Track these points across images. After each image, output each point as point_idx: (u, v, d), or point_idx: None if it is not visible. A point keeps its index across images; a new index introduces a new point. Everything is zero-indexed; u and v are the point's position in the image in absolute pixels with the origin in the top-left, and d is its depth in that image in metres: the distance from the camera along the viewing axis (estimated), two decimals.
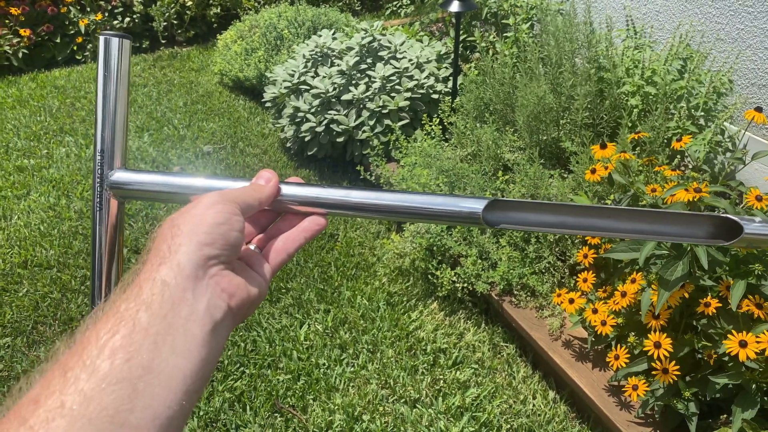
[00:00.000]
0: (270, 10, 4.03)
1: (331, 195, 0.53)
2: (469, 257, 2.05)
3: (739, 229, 0.48)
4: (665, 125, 2.12)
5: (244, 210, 0.47)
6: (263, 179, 0.52)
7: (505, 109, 2.47)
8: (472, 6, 2.57)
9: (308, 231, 0.53)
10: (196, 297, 0.40)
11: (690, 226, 0.51)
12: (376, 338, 2.06)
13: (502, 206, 0.51)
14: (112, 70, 0.53)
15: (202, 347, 0.39)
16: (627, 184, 1.71)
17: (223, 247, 0.43)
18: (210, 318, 0.40)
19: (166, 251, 0.41)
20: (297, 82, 2.95)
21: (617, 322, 1.60)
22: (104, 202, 0.54)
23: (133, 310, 0.38)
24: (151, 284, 0.39)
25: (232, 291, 0.43)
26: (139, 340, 0.36)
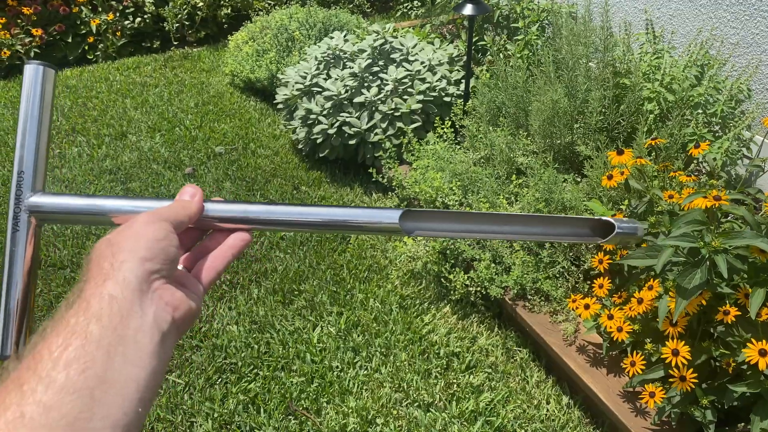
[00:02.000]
0: (281, 12, 4.04)
1: (256, 211, 0.55)
2: (483, 261, 2.05)
3: (612, 228, 0.57)
4: (682, 131, 2.12)
5: (176, 227, 0.49)
6: (188, 195, 0.54)
7: (517, 112, 2.47)
8: (486, 9, 2.57)
9: (234, 248, 0.55)
10: (143, 310, 0.42)
11: (574, 228, 0.59)
12: (389, 341, 2.07)
13: (415, 216, 0.56)
14: (36, 96, 0.54)
15: (153, 357, 0.41)
16: (643, 190, 1.71)
17: (164, 262, 0.45)
18: (158, 329, 0.42)
19: (108, 268, 0.42)
20: (309, 84, 2.96)
21: (633, 329, 1.60)
22: (21, 223, 0.53)
23: (83, 324, 0.39)
24: (98, 299, 0.40)
25: (175, 304, 0.45)
26: (92, 351, 0.38)
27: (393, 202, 2.70)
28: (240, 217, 0.55)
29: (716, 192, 1.36)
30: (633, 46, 2.40)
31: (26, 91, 0.55)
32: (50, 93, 0.56)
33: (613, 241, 0.58)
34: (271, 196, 2.87)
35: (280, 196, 2.87)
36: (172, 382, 1.95)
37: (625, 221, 0.58)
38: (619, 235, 0.58)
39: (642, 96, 2.21)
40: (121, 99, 3.91)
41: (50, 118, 0.56)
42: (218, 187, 2.94)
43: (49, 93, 0.55)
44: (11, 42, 4.32)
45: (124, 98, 3.92)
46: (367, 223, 0.56)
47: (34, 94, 0.55)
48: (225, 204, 0.55)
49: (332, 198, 2.85)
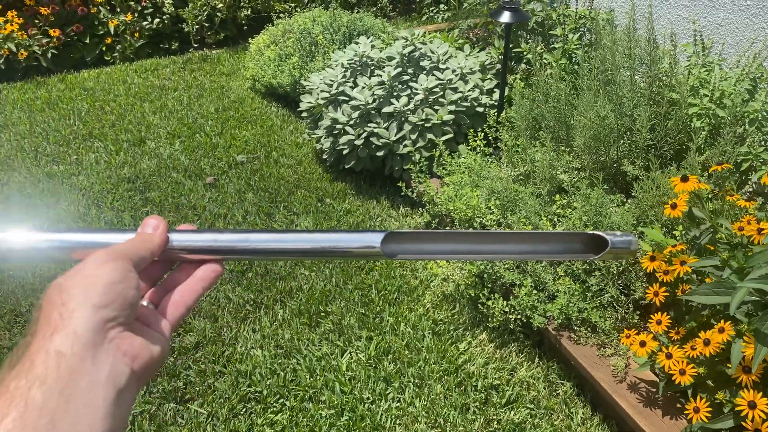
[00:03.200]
0: (304, 15, 3.93)
1: (227, 240, 0.51)
2: (524, 287, 1.92)
3: (605, 244, 0.54)
4: (735, 150, 1.98)
5: (137, 264, 0.44)
6: (150, 227, 0.49)
7: (557, 126, 2.34)
8: (525, 17, 2.44)
9: (204, 280, 0.50)
10: (96, 365, 0.37)
11: (565, 244, 0.56)
12: (422, 371, 1.95)
13: (398, 238, 0.53)
14: None
15: (106, 419, 0.36)
16: (708, 219, 1.57)
17: (122, 308, 0.40)
18: (113, 386, 0.38)
19: (57, 319, 0.38)
20: (335, 93, 2.84)
21: (698, 372, 1.47)
22: None
23: (24, 388, 0.34)
24: (44, 356, 0.36)
25: (134, 353, 0.40)
26: (33, 420, 0.33)
27: (424, 218, 2.58)
28: (209, 248, 0.50)
29: None
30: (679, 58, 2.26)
31: None
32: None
33: (606, 257, 0.55)
34: (295, 209, 2.76)
35: (304, 209, 2.76)
36: (194, 412, 1.84)
37: (619, 235, 0.55)
38: (613, 251, 0.55)
39: (690, 112, 2.07)
40: (139, 103, 3.81)
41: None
42: (240, 198, 2.84)
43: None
44: (28, 43, 4.24)
45: (142, 102, 3.82)
46: (346, 249, 0.53)
47: None
48: (192, 234, 0.51)
49: (358, 212, 2.73)
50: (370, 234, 0.52)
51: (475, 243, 0.56)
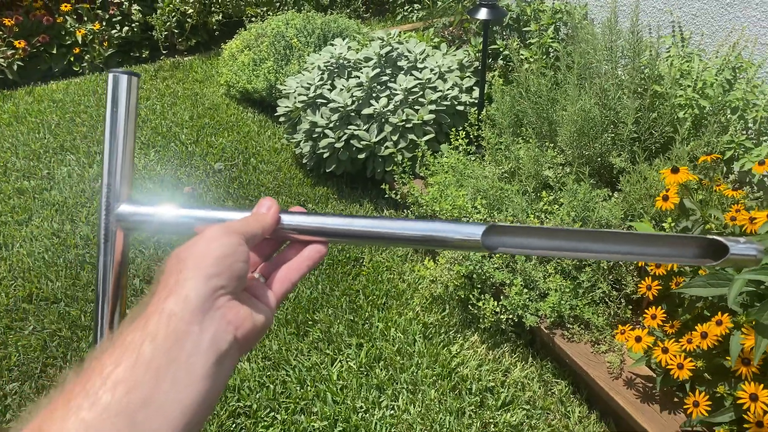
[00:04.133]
0: (277, 18, 3.87)
1: (333, 223, 0.53)
2: (514, 286, 1.89)
3: (725, 250, 0.50)
4: (719, 140, 1.97)
5: (249, 240, 0.47)
6: (264, 207, 0.52)
7: (540, 122, 2.32)
8: (502, 13, 2.42)
9: (310, 260, 0.53)
10: (202, 329, 0.40)
11: (677, 248, 0.53)
12: (415, 377, 1.91)
13: (499, 231, 0.53)
14: (121, 106, 0.54)
15: (205, 380, 0.39)
16: (699, 210, 1.56)
17: (230, 279, 0.43)
18: (215, 351, 0.41)
19: (173, 284, 0.41)
20: (313, 96, 2.79)
21: (696, 366, 1.45)
22: (110, 234, 0.54)
23: (138, 342, 0.38)
24: (158, 316, 0.40)
25: (238, 322, 0.43)
26: (140, 372, 0.37)
27: None
28: (316, 229, 0.53)
29: None
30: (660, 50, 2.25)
31: (109, 100, 0.54)
32: (135, 102, 0.55)
33: (726, 264, 0.50)
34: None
35: None
36: None
37: (742, 242, 0.50)
38: (733, 257, 0.50)
39: (674, 103, 2.06)
40: None
41: (135, 126, 0.56)
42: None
43: (134, 102, 0.55)
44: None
45: None
46: (445, 239, 0.53)
47: (119, 104, 0.54)
48: (302, 216, 0.53)
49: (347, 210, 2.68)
50: (472, 226, 0.53)
51: (579, 241, 0.54)
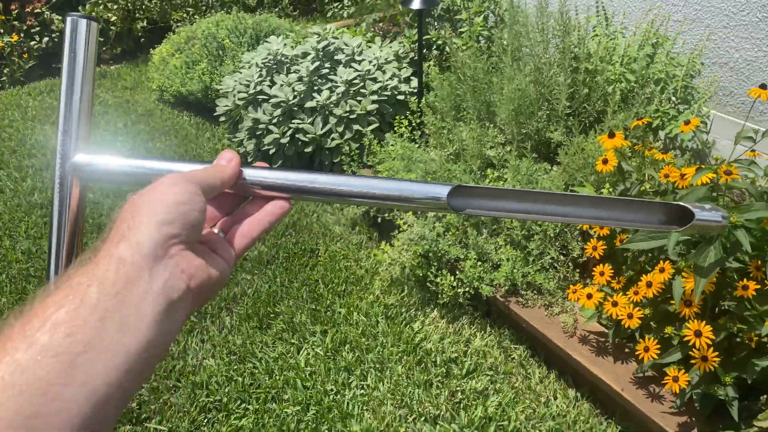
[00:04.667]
0: (206, 20, 3.84)
1: (297, 179, 0.52)
2: (468, 260, 1.97)
3: (690, 216, 0.51)
4: (647, 109, 2.12)
5: (206, 190, 0.46)
6: (224, 159, 0.51)
7: (478, 104, 2.41)
8: (435, 2, 2.50)
9: (272, 215, 0.52)
10: (152, 276, 0.39)
11: (644, 213, 0.53)
12: (381, 355, 1.96)
13: (467, 192, 0.52)
14: (79, 52, 0.52)
15: (153, 327, 0.38)
16: (635, 172, 1.68)
17: (184, 227, 0.42)
18: (165, 298, 0.40)
19: (125, 230, 0.40)
20: (253, 93, 2.80)
21: (644, 314, 1.57)
22: (65, 183, 0.52)
23: (84, 285, 0.37)
24: (107, 261, 0.39)
25: (192, 272, 0.42)
26: (84, 315, 0.36)
27: (361, 209, 2.59)
28: (280, 185, 0.52)
29: (726, 167, 1.34)
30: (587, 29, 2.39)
31: (68, 45, 0.52)
32: (93, 48, 0.53)
33: (690, 231, 0.52)
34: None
35: None
36: (153, 430, 1.76)
37: (707, 208, 0.52)
38: (698, 223, 0.51)
39: (604, 78, 2.20)
40: (39, 126, 3.59)
41: (93, 75, 0.54)
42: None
43: (92, 48, 0.53)
44: None
45: (42, 125, 3.60)
46: (410, 198, 0.52)
47: (77, 49, 0.52)
48: (265, 170, 0.52)
49: (293, 211, 2.71)
50: (437, 186, 0.52)
51: (549, 203, 0.53)
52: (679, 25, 2.52)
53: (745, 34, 2.38)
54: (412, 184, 0.52)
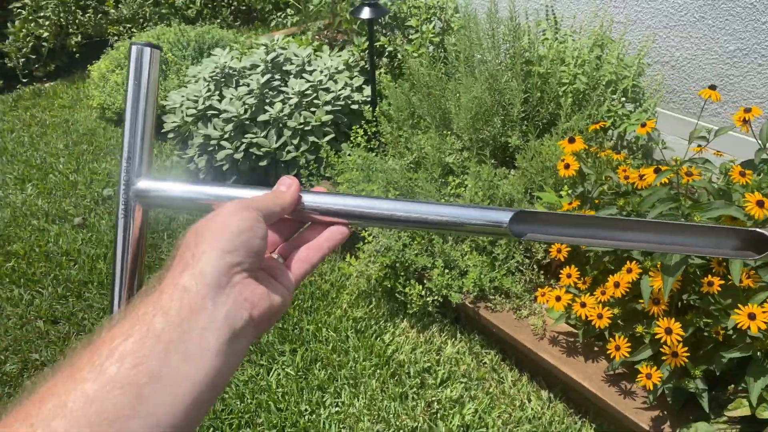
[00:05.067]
0: (147, 34, 3.72)
1: (357, 205, 0.52)
2: (436, 269, 1.98)
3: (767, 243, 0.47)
4: (598, 111, 2.18)
5: (267, 217, 0.46)
6: (284, 185, 0.51)
7: (434, 112, 2.42)
8: (384, 11, 2.50)
9: (331, 240, 0.52)
10: (216, 305, 0.39)
11: (718, 239, 0.50)
12: (355, 371, 1.94)
13: (527, 218, 0.51)
14: (143, 79, 0.53)
15: (217, 357, 0.38)
16: (595, 174, 1.72)
17: (247, 255, 0.43)
18: (229, 328, 0.40)
19: (189, 258, 0.41)
20: (203, 108, 2.73)
21: (613, 313, 1.60)
22: (129, 209, 0.54)
23: (150, 315, 0.38)
24: (171, 290, 0.39)
25: (254, 300, 0.42)
26: (150, 345, 0.36)
27: None
28: (338, 211, 0.52)
29: (686, 168, 1.38)
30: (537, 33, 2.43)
31: (132, 73, 0.53)
32: (156, 75, 0.54)
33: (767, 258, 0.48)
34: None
35: None
36: None
37: None
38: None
39: (556, 81, 2.24)
40: None
41: (155, 101, 0.55)
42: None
43: (155, 75, 0.54)
44: None
45: None
46: (473, 224, 0.51)
47: (140, 77, 0.53)
48: (324, 196, 0.52)
49: None
50: (499, 211, 0.51)
51: (615, 229, 0.51)
52: (622, 27, 2.60)
53: (685, 34, 2.48)
54: (472, 209, 0.52)
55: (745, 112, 1.46)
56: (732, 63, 2.37)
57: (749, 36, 2.28)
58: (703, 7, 2.37)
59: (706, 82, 2.48)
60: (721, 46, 2.37)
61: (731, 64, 2.38)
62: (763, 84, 2.31)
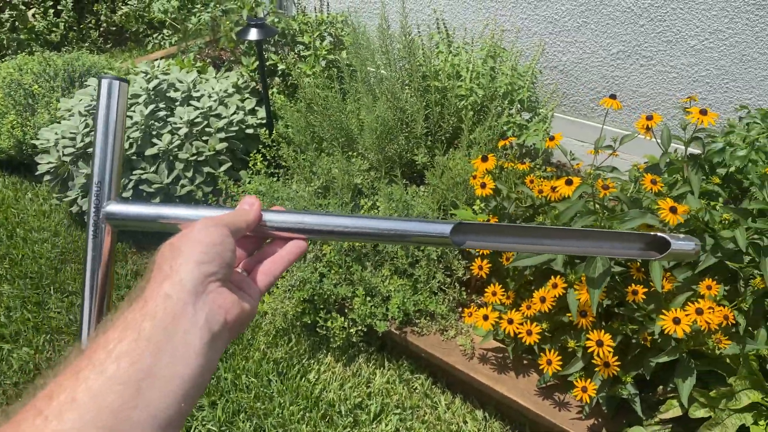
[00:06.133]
0: (6, 65, 3.36)
1: (313, 222, 0.57)
2: (358, 297, 1.90)
3: (667, 245, 0.57)
4: (497, 122, 2.19)
5: (234, 232, 0.50)
6: (247, 204, 0.56)
7: (334, 132, 2.34)
8: (272, 32, 2.39)
9: (291, 254, 0.57)
10: (196, 311, 0.43)
11: (627, 243, 0.59)
12: (282, 418, 1.82)
13: (466, 229, 0.57)
14: (112, 109, 0.57)
15: (200, 356, 0.42)
16: (508, 190, 1.71)
17: (220, 265, 0.47)
18: (208, 330, 0.44)
19: (168, 270, 0.44)
20: (82, 146, 2.49)
21: (541, 328, 1.59)
22: (99, 231, 0.57)
23: (138, 321, 0.41)
24: (155, 298, 0.43)
25: (228, 306, 0.46)
26: (142, 346, 0.40)
27: None
28: (296, 227, 0.57)
29: (602, 182, 1.39)
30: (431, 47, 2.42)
31: (102, 104, 0.57)
32: (124, 106, 0.58)
33: (668, 258, 0.58)
34: (71, 288, 2.37)
35: (80, 285, 2.37)
36: None
37: (681, 238, 0.58)
38: (674, 252, 0.57)
39: (454, 95, 2.24)
40: None
41: (123, 130, 0.59)
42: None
43: (123, 106, 0.58)
44: None
45: None
46: (418, 234, 0.57)
47: (110, 108, 0.57)
48: (283, 214, 0.57)
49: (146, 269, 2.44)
50: (441, 224, 0.57)
51: (539, 237, 0.58)
52: (512, 35, 2.65)
53: (570, 39, 2.56)
54: (418, 223, 0.57)
55: (647, 119, 1.50)
56: (616, 65, 2.48)
57: (630, 38, 2.39)
58: (585, 13, 2.45)
59: (593, 84, 2.58)
60: (605, 49, 2.47)
61: (615, 66, 2.48)
62: (646, 83, 2.43)
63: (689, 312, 1.35)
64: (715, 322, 1.34)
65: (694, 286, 1.45)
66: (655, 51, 2.35)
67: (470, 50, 2.33)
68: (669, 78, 2.37)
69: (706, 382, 1.48)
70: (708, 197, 1.56)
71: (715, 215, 1.41)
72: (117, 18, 4.22)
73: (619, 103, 1.55)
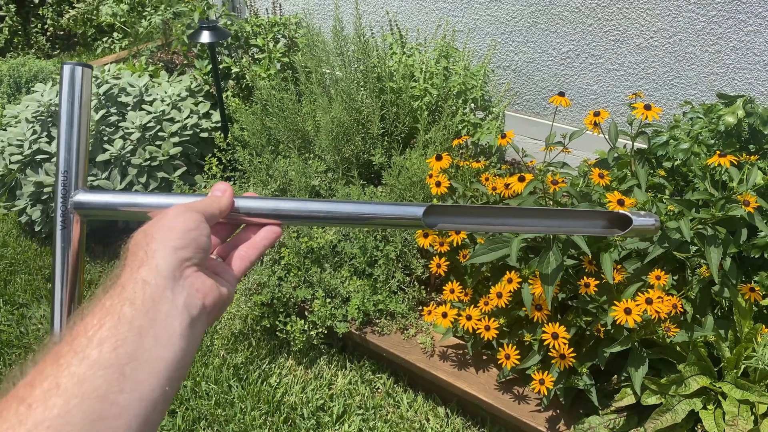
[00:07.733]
0: None
1: (287, 207, 0.57)
2: (317, 300, 1.89)
3: (629, 221, 0.59)
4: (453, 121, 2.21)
5: (208, 218, 0.50)
6: (219, 191, 0.55)
7: (290, 135, 2.34)
8: (225, 34, 2.37)
9: (267, 239, 0.57)
10: (174, 295, 0.44)
11: (590, 221, 0.61)
12: (244, 424, 1.80)
13: (438, 211, 0.59)
14: (76, 96, 0.56)
15: (182, 339, 0.42)
16: (463, 188, 1.73)
17: (196, 251, 0.47)
18: (188, 314, 0.44)
19: (143, 256, 0.44)
20: (30, 153, 2.42)
21: (499, 323, 1.62)
22: (68, 221, 0.56)
23: (117, 306, 0.41)
24: (132, 284, 0.43)
25: (205, 291, 0.47)
26: (124, 331, 0.40)
27: None
28: (270, 213, 0.56)
29: (552, 177, 1.42)
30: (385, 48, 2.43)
31: (65, 91, 0.56)
32: (88, 92, 0.57)
33: (630, 234, 0.59)
34: (21, 299, 2.30)
35: (32, 296, 2.31)
36: None
37: (642, 214, 0.59)
38: (636, 228, 0.59)
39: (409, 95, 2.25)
40: None
41: (88, 117, 0.57)
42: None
43: (87, 92, 0.57)
44: None
45: None
46: (391, 217, 0.58)
47: (73, 94, 0.56)
48: (256, 200, 0.56)
49: (102, 278, 2.39)
50: (413, 206, 0.58)
51: (506, 216, 0.60)
52: (464, 35, 2.68)
53: (521, 39, 2.60)
54: (390, 206, 0.59)
55: (594, 116, 1.53)
56: (566, 63, 2.53)
57: (579, 38, 2.44)
58: (536, 13, 2.50)
59: (545, 82, 2.63)
60: (555, 48, 2.52)
61: (566, 65, 2.54)
62: (595, 81, 2.49)
63: (639, 302, 1.39)
64: (664, 311, 1.38)
65: (643, 276, 1.49)
66: (603, 50, 2.41)
67: (424, 51, 2.35)
68: (617, 76, 2.44)
69: (658, 369, 1.53)
70: (655, 190, 1.61)
71: (662, 207, 1.45)
72: (64, 22, 4.11)
73: (567, 100, 1.59)
